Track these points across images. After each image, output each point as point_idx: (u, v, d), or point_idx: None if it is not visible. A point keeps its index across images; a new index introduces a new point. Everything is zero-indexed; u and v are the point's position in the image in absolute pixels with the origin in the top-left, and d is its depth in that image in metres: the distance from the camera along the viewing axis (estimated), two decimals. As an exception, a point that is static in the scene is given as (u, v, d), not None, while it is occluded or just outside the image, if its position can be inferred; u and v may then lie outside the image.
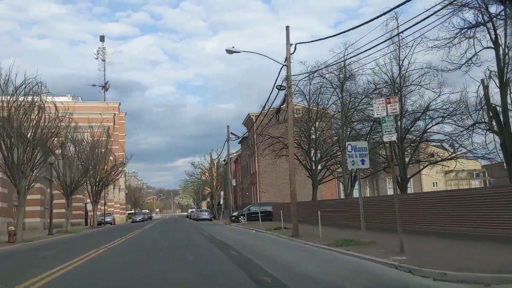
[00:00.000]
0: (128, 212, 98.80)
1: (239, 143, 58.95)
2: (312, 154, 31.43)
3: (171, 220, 74.68)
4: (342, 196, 48.35)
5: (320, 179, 32.52)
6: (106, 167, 47.34)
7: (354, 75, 27.69)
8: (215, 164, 62.36)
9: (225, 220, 49.34)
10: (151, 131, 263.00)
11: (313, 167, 31.65)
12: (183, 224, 46.16)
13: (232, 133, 46.25)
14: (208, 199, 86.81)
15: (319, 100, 30.57)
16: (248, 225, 33.74)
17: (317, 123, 30.98)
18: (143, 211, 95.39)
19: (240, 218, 40.61)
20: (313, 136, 31.30)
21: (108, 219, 60.01)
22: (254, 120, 48.89)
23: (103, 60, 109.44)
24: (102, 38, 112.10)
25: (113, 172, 48.57)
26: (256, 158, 48.84)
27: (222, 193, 54.39)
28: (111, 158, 47.93)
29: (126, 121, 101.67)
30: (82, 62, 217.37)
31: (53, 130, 25.74)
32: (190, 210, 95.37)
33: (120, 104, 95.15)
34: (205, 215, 56.27)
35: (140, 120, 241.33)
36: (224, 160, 52.71)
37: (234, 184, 45.76)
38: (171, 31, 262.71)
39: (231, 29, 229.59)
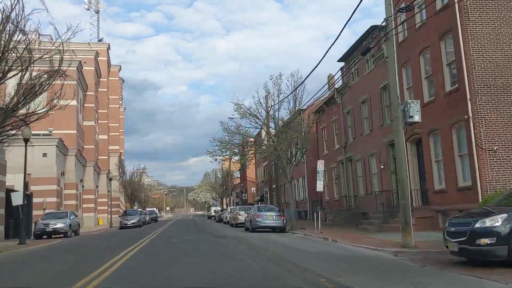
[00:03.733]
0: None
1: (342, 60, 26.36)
2: None
3: (188, 223, 45.38)
4: None
5: None
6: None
7: None
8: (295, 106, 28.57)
9: (350, 236, 17.12)
10: (164, 130, 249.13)
11: None
12: (239, 251, 13.45)
13: None
14: (252, 189, 53.08)
15: None
16: None
17: None
18: (146, 210, 62.70)
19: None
20: None
21: (58, 225, 27.86)
22: None
23: (97, 12, 77.53)
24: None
25: (26, 94, 16.26)
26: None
27: (321, 164, 21.29)
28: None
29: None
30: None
31: None
32: (214, 209, 62.61)
33: (109, 47, 62.70)
34: (273, 219, 23.45)
35: (153, 120, 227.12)
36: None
37: (420, 120, 13.21)
38: (184, 31, 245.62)
39: (244, 28, 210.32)
